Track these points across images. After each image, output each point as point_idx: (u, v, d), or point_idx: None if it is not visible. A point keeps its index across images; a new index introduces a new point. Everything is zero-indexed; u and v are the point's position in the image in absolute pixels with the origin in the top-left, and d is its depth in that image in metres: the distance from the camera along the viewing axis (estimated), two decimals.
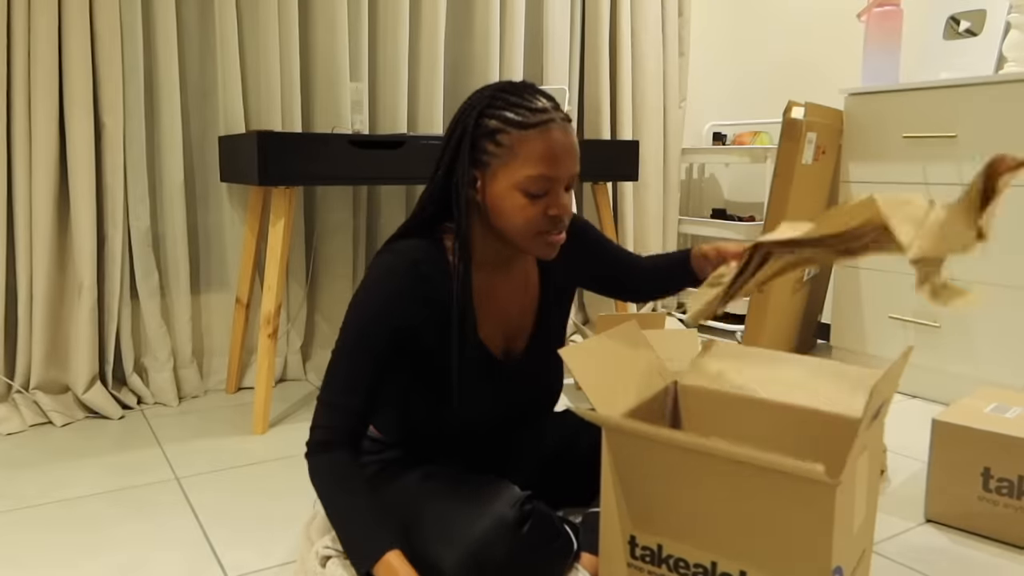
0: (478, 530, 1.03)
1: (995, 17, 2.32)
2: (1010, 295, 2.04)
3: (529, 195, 1.07)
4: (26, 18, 1.90)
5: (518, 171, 1.06)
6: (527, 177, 1.06)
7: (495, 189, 1.09)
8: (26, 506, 1.51)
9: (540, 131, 1.06)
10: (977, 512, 1.40)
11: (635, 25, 2.95)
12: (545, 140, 1.06)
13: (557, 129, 1.07)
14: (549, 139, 1.06)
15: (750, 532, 0.96)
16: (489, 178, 1.09)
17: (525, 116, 1.06)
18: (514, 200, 1.08)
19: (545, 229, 1.10)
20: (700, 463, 0.99)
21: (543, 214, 1.09)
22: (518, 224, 1.09)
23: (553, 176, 1.07)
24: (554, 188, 1.08)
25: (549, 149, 1.06)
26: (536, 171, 1.06)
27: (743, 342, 2.40)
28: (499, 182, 1.08)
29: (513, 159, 1.06)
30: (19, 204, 1.95)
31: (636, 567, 1.07)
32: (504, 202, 1.08)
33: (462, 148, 1.09)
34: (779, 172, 2.22)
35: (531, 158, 1.06)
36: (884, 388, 0.97)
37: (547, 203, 1.08)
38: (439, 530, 1.07)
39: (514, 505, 1.06)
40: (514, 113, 1.07)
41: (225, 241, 2.30)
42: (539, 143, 1.05)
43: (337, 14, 2.29)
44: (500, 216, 1.10)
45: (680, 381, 1.29)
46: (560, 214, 1.09)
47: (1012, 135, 2.00)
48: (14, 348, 2.02)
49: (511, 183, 1.07)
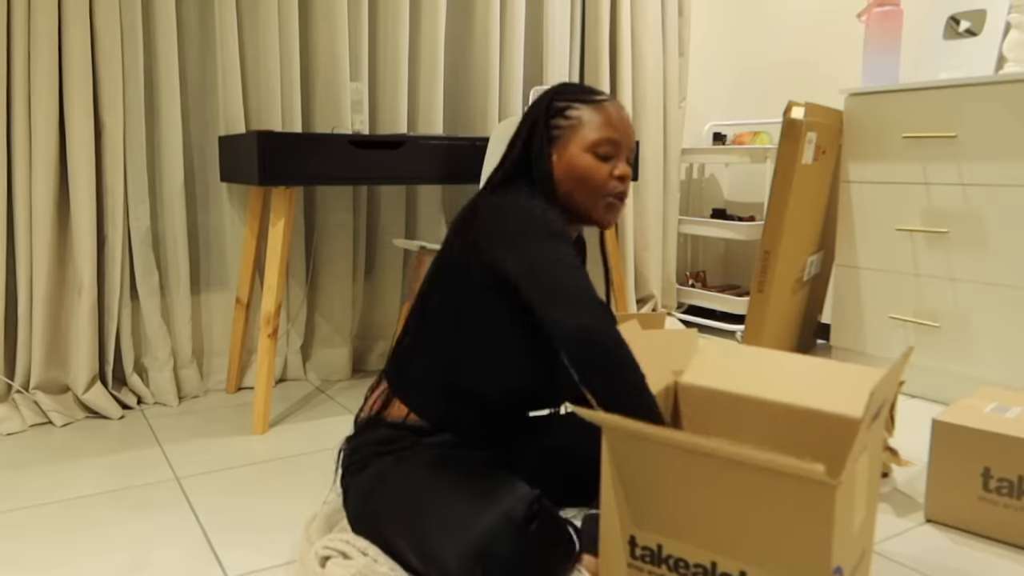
0: (485, 524, 1.04)
1: (995, 17, 2.32)
2: (1010, 295, 2.04)
3: (598, 156, 1.21)
4: (26, 18, 1.90)
5: (587, 136, 1.22)
6: (596, 140, 1.21)
7: (567, 156, 1.22)
8: (26, 506, 1.51)
9: (602, 105, 1.24)
10: (977, 512, 1.40)
11: (635, 25, 2.95)
12: (608, 111, 1.23)
13: (616, 105, 1.26)
14: (611, 110, 1.24)
15: (750, 532, 0.96)
16: (561, 148, 1.23)
17: (588, 95, 1.25)
18: (586, 160, 1.21)
19: (613, 190, 1.23)
20: (700, 463, 0.99)
21: (611, 174, 1.22)
22: (592, 182, 1.21)
23: (617, 140, 1.22)
24: (618, 154, 1.23)
25: (611, 118, 1.23)
26: (603, 134, 1.21)
27: (743, 342, 2.40)
28: (571, 148, 1.22)
29: (582, 126, 1.22)
30: (19, 204, 1.95)
31: (636, 567, 1.07)
32: (577, 162, 1.22)
33: (537, 127, 1.24)
34: (779, 172, 2.22)
35: (598, 124, 1.22)
36: (884, 389, 0.97)
37: (614, 165, 1.23)
38: (446, 525, 1.07)
39: (523, 503, 1.06)
40: (578, 94, 1.25)
41: (225, 241, 2.30)
42: (603, 113, 1.23)
43: (337, 14, 2.29)
44: (573, 177, 1.22)
45: (680, 381, 1.29)
46: (624, 175, 1.23)
47: (1012, 135, 2.00)
48: (14, 348, 2.02)
49: (582, 147, 1.22)
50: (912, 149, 2.22)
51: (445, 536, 1.05)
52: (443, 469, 1.17)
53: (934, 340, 2.22)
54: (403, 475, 1.19)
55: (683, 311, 3.32)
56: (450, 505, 1.09)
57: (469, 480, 1.13)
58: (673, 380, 1.29)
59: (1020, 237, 2.01)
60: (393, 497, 1.17)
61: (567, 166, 1.22)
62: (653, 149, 3.02)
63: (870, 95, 2.31)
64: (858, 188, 2.37)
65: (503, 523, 1.03)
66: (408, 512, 1.13)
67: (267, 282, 1.93)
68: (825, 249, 2.65)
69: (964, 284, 2.14)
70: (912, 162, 2.22)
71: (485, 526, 1.03)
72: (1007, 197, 2.03)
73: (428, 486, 1.14)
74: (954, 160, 2.13)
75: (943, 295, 2.19)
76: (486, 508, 1.05)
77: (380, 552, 1.17)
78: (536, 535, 1.06)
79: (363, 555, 1.16)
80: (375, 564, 1.14)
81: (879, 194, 2.31)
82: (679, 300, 3.27)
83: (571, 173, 1.22)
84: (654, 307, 3.13)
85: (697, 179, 3.42)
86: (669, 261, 3.20)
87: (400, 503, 1.15)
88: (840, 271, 2.45)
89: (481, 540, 1.02)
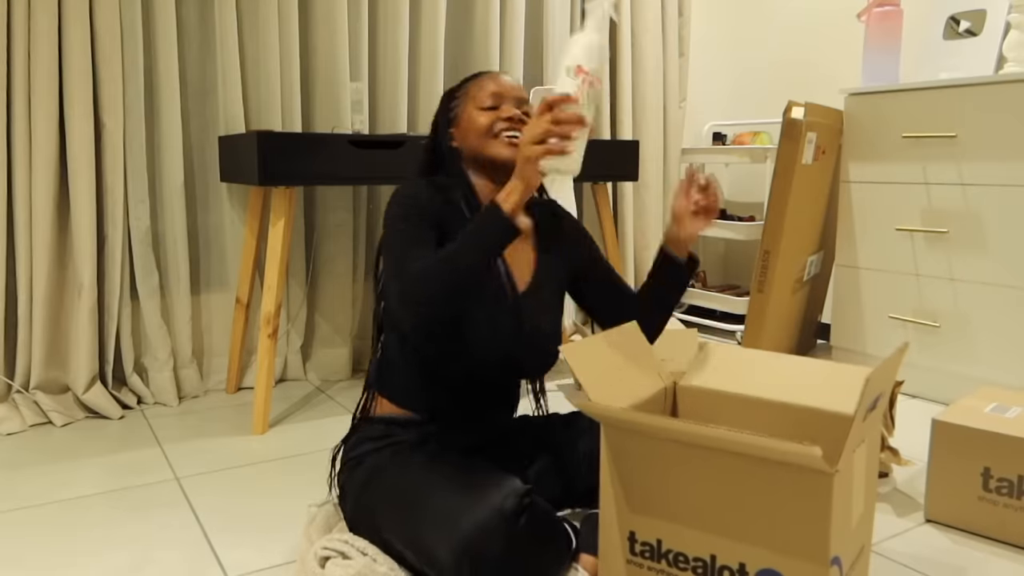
0: (475, 519, 1.04)
1: (995, 17, 2.32)
2: (1010, 295, 2.04)
3: (484, 109, 1.29)
4: (26, 18, 1.90)
5: (472, 99, 1.31)
6: (479, 98, 1.30)
7: (462, 123, 1.32)
8: (26, 506, 1.51)
9: (483, 75, 1.35)
10: (977, 512, 1.40)
11: (635, 25, 2.95)
12: (487, 77, 1.33)
13: (497, 72, 1.35)
14: (491, 76, 1.34)
15: (749, 524, 0.96)
16: (458, 122, 1.33)
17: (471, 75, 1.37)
18: (474, 116, 1.30)
19: (499, 129, 1.28)
20: (698, 456, 0.99)
21: (496, 117, 1.29)
22: (479, 130, 1.28)
23: (497, 92, 1.30)
24: (502, 102, 1.30)
25: (492, 80, 1.32)
26: (484, 92, 1.30)
27: (743, 342, 2.40)
28: (464, 116, 1.32)
29: (468, 97, 1.32)
30: (19, 204, 1.95)
31: (636, 563, 1.07)
32: (469, 123, 1.30)
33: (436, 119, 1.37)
34: (779, 172, 2.22)
35: (481, 87, 1.32)
36: (879, 380, 0.97)
37: (499, 111, 1.29)
38: (438, 518, 1.07)
39: (513, 497, 1.06)
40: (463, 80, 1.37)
41: (225, 241, 2.30)
42: (483, 78, 1.33)
43: (337, 14, 2.29)
44: (467, 136, 1.30)
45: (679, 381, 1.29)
46: (511, 115, 1.28)
47: (1012, 135, 2.00)
48: (14, 348, 2.02)
49: (472, 109, 1.31)
50: (912, 149, 2.22)
51: (436, 530, 1.06)
52: (437, 463, 1.18)
53: (934, 340, 2.22)
54: (398, 468, 1.20)
55: (683, 311, 3.32)
56: (442, 499, 1.09)
57: (462, 474, 1.13)
58: (673, 381, 1.29)
59: (1020, 237, 2.01)
60: (388, 490, 1.18)
61: (462, 131, 1.32)
62: (653, 149, 3.02)
63: (870, 95, 2.31)
64: (858, 188, 2.37)
65: (493, 518, 1.04)
66: (401, 506, 1.14)
67: (267, 282, 1.93)
68: (825, 249, 2.65)
69: (964, 284, 2.14)
70: (912, 162, 2.22)
71: (475, 521, 1.04)
72: (1007, 197, 2.03)
73: (422, 479, 1.15)
74: (954, 160, 2.13)
75: (943, 295, 2.19)
76: (476, 503, 1.06)
77: (379, 552, 1.17)
78: (526, 529, 1.06)
79: (362, 555, 1.16)
80: (375, 564, 1.14)
81: (879, 194, 2.31)
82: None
83: (465, 132, 1.31)
84: None
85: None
86: None
87: (394, 496, 1.16)
88: (840, 271, 2.45)
89: (471, 535, 1.03)
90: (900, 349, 1.06)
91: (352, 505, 1.24)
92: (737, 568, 0.98)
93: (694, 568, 1.02)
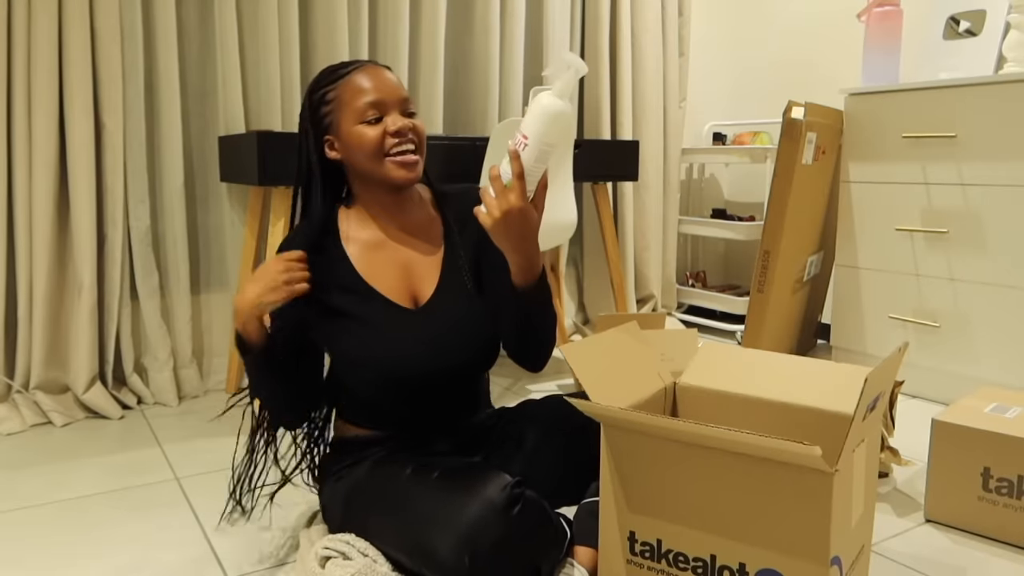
0: (468, 515, 1.05)
1: (995, 17, 2.32)
2: (1010, 295, 2.04)
3: (367, 123, 1.20)
4: (26, 18, 1.90)
5: (350, 109, 1.20)
6: (357, 109, 1.20)
7: (343, 137, 1.22)
8: (26, 506, 1.51)
9: (354, 72, 1.22)
10: (977, 512, 1.40)
11: (635, 25, 2.95)
12: (360, 76, 1.21)
13: (367, 67, 1.23)
14: (362, 74, 1.22)
15: (749, 524, 0.96)
16: (336, 132, 1.23)
17: (337, 70, 1.24)
18: (358, 134, 1.20)
19: (389, 148, 1.20)
20: (698, 456, 0.99)
21: (383, 133, 1.20)
22: (367, 151, 1.20)
23: (379, 100, 1.20)
24: (387, 111, 1.21)
25: (366, 80, 1.21)
26: (362, 100, 1.19)
27: (743, 342, 2.40)
28: (343, 128, 1.21)
29: (343, 104, 1.21)
30: (19, 204, 1.95)
31: (636, 563, 1.07)
32: (352, 140, 1.21)
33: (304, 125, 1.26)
34: (779, 172, 2.22)
35: (355, 93, 1.20)
36: (879, 380, 0.97)
37: (385, 124, 1.20)
38: (431, 518, 1.09)
39: (503, 489, 1.07)
40: (329, 75, 1.24)
41: (225, 241, 2.30)
42: (356, 79, 1.21)
43: (337, 14, 2.29)
44: (354, 154, 1.21)
45: (679, 381, 1.29)
46: (400, 129, 1.19)
47: (1012, 135, 2.00)
48: (14, 348, 2.02)
49: (351, 123, 1.20)
50: (912, 149, 2.22)
51: (432, 531, 1.07)
52: (422, 468, 1.18)
53: (934, 340, 2.22)
54: (384, 479, 1.20)
55: (683, 311, 3.32)
56: (434, 501, 1.11)
57: (449, 475, 1.14)
58: (673, 381, 1.29)
59: (1020, 237, 2.01)
60: (376, 501, 1.19)
61: (345, 146, 1.22)
62: (653, 149, 3.02)
63: (870, 95, 2.31)
64: (858, 188, 2.37)
65: (487, 512, 1.05)
66: (393, 514, 1.15)
67: None
68: (825, 249, 2.65)
69: (964, 284, 2.14)
70: (912, 162, 2.22)
71: (470, 516, 1.05)
72: (1007, 197, 2.03)
73: (410, 486, 1.16)
74: (954, 160, 2.13)
75: (943, 295, 2.19)
76: (469, 499, 1.07)
77: (380, 553, 1.17)
78: (519, 517, 1.07)
79: (363, 555, 1.16)
80: (375, 564, 1.15)
81: (879, 194, 2.31)
82: (679, 300, 3.27)
83: (349, 149, 1.22)
84: (654, 307, 3.13)
85: (697, 179, 3.42)
86: (669, 261, 3.20)
87: (384, 506, 1.17)
88: (840, 271, 2.45)
89: (467, 530, 1.04)
90: (900, 349, 1.06)
91: (340, 519, 1.25)
92: (737, 568, 0.98)
93: (694, 568, 1.02)
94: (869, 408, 0.99)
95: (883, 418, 1.57)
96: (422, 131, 1.24)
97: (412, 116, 1.23)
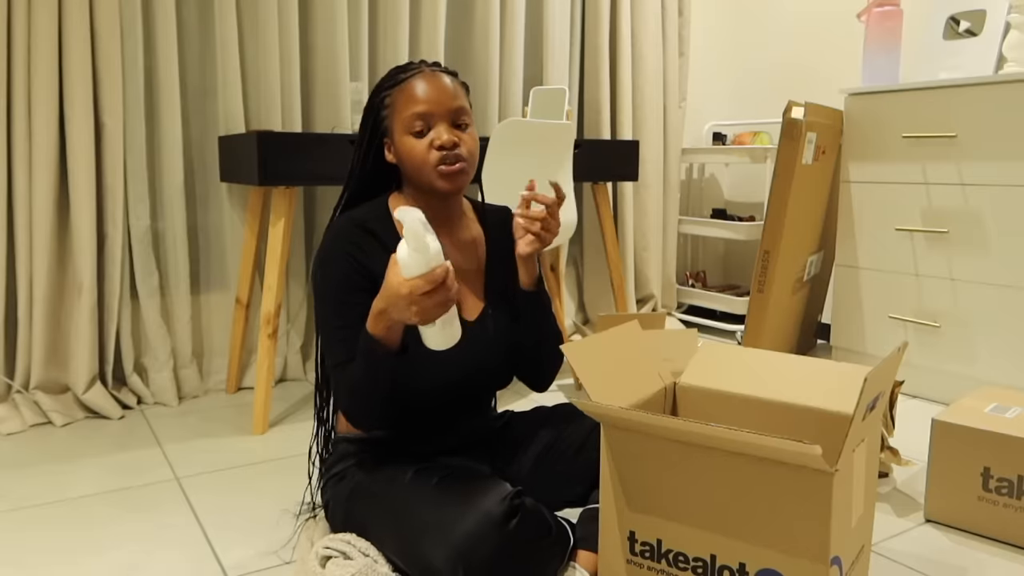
0: (465, 527, 1.04)
1: (995, 17, 2.32)
2: (1010, 295, 2.04)
3: (414, 134, 1.21)
4: (26, 18, 1.90)
5: (400, 118, 1.22)
6: (406, 119, 1.21)
7: (396, 144, 1.24)
8: (26, 506, 1.51)
9: (410, 79, 1.23)
10: (977, 512, 1.40)
11: (635, 25, 2.95)
12: (413, 84, 1.22)
13: (426, 74, 1.23)
14: (418, 82, 1.22)
15: (749, 523, 0.96)
16: (392, 137, 1.25)
17: (397, 75, 1.25)
18: (407, 144, 1.22)
19: (435, 161, 1.20)
20: (698, 455, 0.99)
21: (429, 147, 1.20)
22: (415, 162, 1.21)
23: (426, 112, 1.20)
24: (433, 123, 1.21)
25: (420, 88, 1.21)
26: (410, 111, 1.20)
27: (743, 342, 2.40)
28: (396, 135, 1.23)
29: (396, 111, 1.23)
30: (19, 204, 1.95)
31: (636, 563, 1.07)
32: (402, 150, 1.23)
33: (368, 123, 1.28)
34: (779, 172, 2.22)
35: (407, 102, 1.21)
36: (878, 380, 0.97)
37: (431, 138, 1.21)
38: (428, 528, 1.08)
39: (502, 500, 1.06)
40: (391, 77, 1.26)
41: (225, 241, 2.30)
42: (409, 87, 1.22)
43: (337, 14, 2.30)
44: (405, 164, 1.24)
45: (679, 381, 1.29)
46: (443, 143, 1.20)
47: (1012, 135, 2.00)
48: (14, 348, 2.02)
49: (401, 131, 1.22)
50: (912, 149, 2.22)
51: (428, 541, 1.06)
52: (423, 473, 1.18)
53: (934, 340, 2.22)
54: (385, 483, 1.20)
55: (683, 311, 3.32)
56: (431, 510, 1.10)
57: (449, 483, 1.14)
58: (673, 380, 1.29)
59: (1020, 237, 2.01)
60: (376, 504, 1.18)
61: (398, 153, 1.24)
62: (653, 149, 3.02)
63: (870, 95, 2.31)
64: (858, 188, 2.37)
65: (484, 524, 1.04)
66: (392, 519, 1.14)
67: (267, 282, 1.93)
68: (825, 249, 2.65)
69: (964, 284, 2.14)
70: (912, 162, 2.22)
71: (466, 529, 1.04)
72: (1007, 197, 2.03)
73: (410, 491, 1.15)
74: (954, 160, 2.13)
75: (943, 295, 2.19)
76: (466, 511, 1.06)
77: (380, 553, 1.17)
78: (518, 530, 1.06)
79: (363, 555, 1.16)
80: (375, 564, 1.15)
81: (879, 194, 2.31)
82: (679, 300, 3.27)
83: (401, 158, 1.24)
84: (654, 307, 3.13)
85: (697, 179, 3.42)
86: (669, 261, 3.20)
87: (383, 510, 1.16)
88: (840, 271, 2.45)
89: (462, 543, 1.03)
90: (899, 349, 1.06)
91: (342, 519, 1.25)
92: (737, 568, 0.98)
93: (694, 568, 1.02)
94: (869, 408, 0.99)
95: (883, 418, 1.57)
96: (471, 143, 1.23)
97: (462, 127, 1.23)
